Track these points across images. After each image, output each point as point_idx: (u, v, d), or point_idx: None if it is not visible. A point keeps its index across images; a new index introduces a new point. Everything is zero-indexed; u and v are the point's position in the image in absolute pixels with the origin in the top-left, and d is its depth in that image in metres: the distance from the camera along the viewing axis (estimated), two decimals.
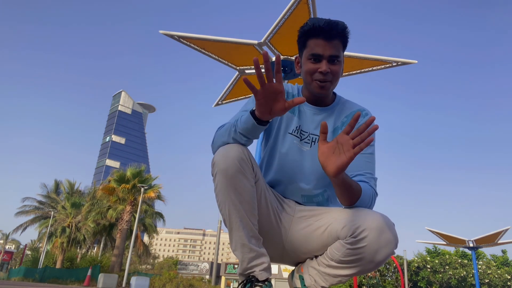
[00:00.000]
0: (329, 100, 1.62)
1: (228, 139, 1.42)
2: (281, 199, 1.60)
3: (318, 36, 1.50)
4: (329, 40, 1.49)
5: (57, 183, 38.83)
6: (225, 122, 1.52)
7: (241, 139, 1.40)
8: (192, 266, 36.94)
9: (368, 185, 1.47)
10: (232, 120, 1.49)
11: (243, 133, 1.38)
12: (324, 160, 1.26)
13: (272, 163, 1.63)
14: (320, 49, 1.49)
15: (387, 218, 1.33)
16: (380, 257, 1.30)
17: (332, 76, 1.51)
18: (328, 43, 1.49)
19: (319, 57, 1.50)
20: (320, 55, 1.49)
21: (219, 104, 10.35)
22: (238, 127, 1.38)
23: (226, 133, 1.43)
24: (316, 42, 1.50)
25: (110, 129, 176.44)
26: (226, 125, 1.46)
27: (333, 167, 1.24)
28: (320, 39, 1.49)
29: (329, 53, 1.49)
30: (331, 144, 1.27)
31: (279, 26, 7.87)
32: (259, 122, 1.34)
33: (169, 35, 8.33)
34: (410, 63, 8.68)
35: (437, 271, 31.23)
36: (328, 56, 1.49)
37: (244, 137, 1.39)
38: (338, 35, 1.50)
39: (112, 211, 25.74)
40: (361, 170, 1.50)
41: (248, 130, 1.37)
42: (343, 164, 1.22)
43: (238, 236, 1.40)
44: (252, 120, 1.34)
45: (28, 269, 32.02)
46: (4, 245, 58.54)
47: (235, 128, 1.40)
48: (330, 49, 1.49)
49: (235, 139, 1.41)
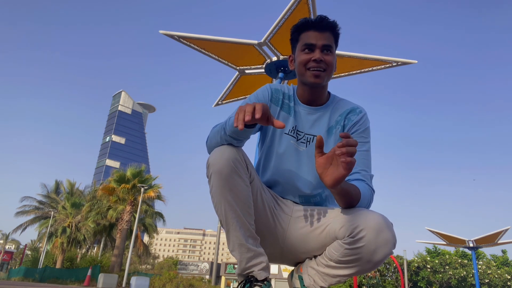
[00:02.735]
0: (323, 99, 1.63)
1: (221, 141, 1.44)
2: (278, 199, 1.60)
3: (310, 29, 1.56)
4: (321, 31, 1.55)
5: (57, 183, 38.84)
6: (220, 122, 1.53)
7: (232, 141, 1.42)
8: (192, 266, 36.94)
9: (365, 183, 1.47)
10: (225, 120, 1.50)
11: (233, 136, 1.40)
12: (321, 172, 1.26)
13: (269, 164, 1.63)
14: (313, 39, 1.54)
15: (385, 218, 1.32)
16: (378, 257, 1.30)
17: (326, 66, 1.54)
18: (320, 34, 1.55)
19: (312, 47, 1.54)
20: (313, 44, 1.54)
21: (219, 104, 10.35)
22: (227, 130, 1.40)
23: (217, 135, 1.45)
24: (308, 34, 1.56)
25: (110, 129, 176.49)
26: (218, 126, 1.48)
27: (331, 179, 1.24)
28: (312, 31, 1.56)
29: (321, 42, 1.54)
30: (329, 154, 1.26)
31: (279, 26, 7.88)
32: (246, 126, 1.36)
33: (169, 35, 8.33)
34: (410, 63, 8.68)
35: (437, 271, 31.23)
36: (321, 45, 1.53)
37: (234, 139, 1.41)
38: (329, 28, 1.56)
39: (112, 211, 25.74)
40: (357, 167, 1.49)
41: (237, 133, 1.38)
42: (340, 176, 1.22)
43: (235, 237, 1.40)
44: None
45: (28, 269, 32.04)
46: (4, 245, 58.57)
47: (224, 131, 1.41)
48: (322, 39, 1.54)
49: (226, 141, 1.42)
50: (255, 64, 9.04)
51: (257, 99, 1.62)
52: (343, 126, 1.60)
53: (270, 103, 1.64)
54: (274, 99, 1.65)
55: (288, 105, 1.63)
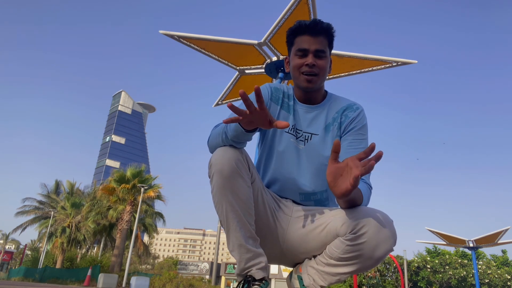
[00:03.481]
0: (320, 97, 1.65)
1: (223, 143, 1.44)
2: (278, 200, 1.60)
3: (304, 33, 1.59)
4: (314, 36, 1.57)
5: (57, 183, 38.86)
6: (220, 122, 1.53)
7: (233, 144, 1.43)
8: (192, 266, 36.96)
9: (364, 182, 1.48)
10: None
11: (235, 140, 1.41)
12: (331, 180, 1.26)
13: (270, 162, 1.64)
14: (306, 44, 1.57)
15: (386, 215, 1.34)
16: (379, 253, 1.30)
17: (319, 70, 1.57)
18: (313, 38, 1.57)
19: (305, 52, 1.57)
20: (306, 49, 1.57)
21: (219, 104, 10.36)
22: (228, 134, 1.41)
23: (219, 138, 1.45)
24: (302, 38, 1.59)
25: (110, 129, 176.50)
26: (218, 128, 1.48)
27: (339, 190, 1.24)
28: (306, 35, 1.58)
29: (314, 47, 1.56)
30: (341, 165, 1.25)
31: (279, 26, 7.89)
32: (248, 130, 1.37)
33: (169, 35, 8.34)
34: (410, 63, 8.69)
35: (437, 271, 31.24)
36: (314, 50, 1.56)
37: (236, 143, 1.42)
38: (323, 32, 1.58)
39: (112, 211, 25.74)
40: None
41: (238, 137, 1.39)
42: (347, 190, 1.21)
43: (236, 237, 1.40)
44: (240, 129, 1.37)
45: (28, 269, 32.03)
46: (4, 245, 58.58)
47: (225, 135, 1.42)
48: (315, 44, 1.57)
49: (228, 144, 1.43)
50: (255, 64, 9.05)
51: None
52: (339, 123, 1.61)
53: (270, 102, 1.65)
54: (274, 98, 1.66)
55: (287, 104, 1.65)
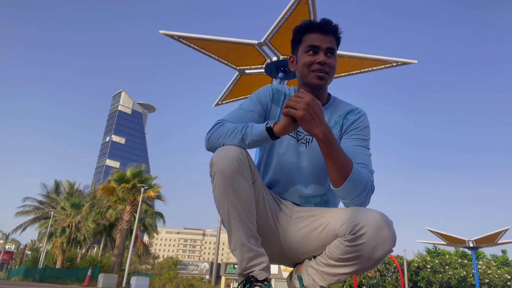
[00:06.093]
0: (323, 100, 1.64)
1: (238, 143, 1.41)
2: (278, 200, 1.60)
3: (314, 31, 1.58)
4: (325, 34, 1.57)
5: (57, 183, 38.83)
6: (223, 118, 1.51)
7: (248, 147, 1.42)
8: (192, 266, 36.95)
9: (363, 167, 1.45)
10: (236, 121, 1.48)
11: (253, 144, 1.41)
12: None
13: (270, 164, 1.64)
14: (318, 41, 1.57)
15: (386, 216, 1.34)
16: (378, 254, 1.31)
17: (329, 69, 1.56)
18: (324, 36, 1.57)
19: (316, 49, 1.56)
20: (317, 46, 1.56)
21: (219, 104, 10.36)
22: (248, 138, 1.39)
23: (229, 138, 1.41)
24: (312, 36, 1.58)
25: (110, 129, 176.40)
26: (229, 128, 1.43)
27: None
28: (316, 33, 1.58)
29: (326, 45, 1.56)
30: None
31: (279, 26, 7.88)
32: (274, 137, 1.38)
33: (169, 35, 8.34)
34: (410, 63, 8.70)
35: (437, 271, 31.23)
36: (325, 48, 1.56)
37: (251, 146, 1.42)
38: (333, 31, 1.59)
39: (112, 211, 25.72)
40: (356, 160, 1.46)
41: (259, 142, 1.40)
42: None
43: (237, 236, 1.40)
44: (266, 135, 1.37)
45: (28, 269, 32.04)
46: (4, 245, 58.54)
47: (243, 137, 1.39)
48: (326, 42, 1.57)
49: (244, 148, 1.42)
50: (255, 64, 9.05)
51: (258, 99, 1.62)
52: (341, 125, 1.61)
53: (271, 104, 1.64)
54: (275, 100, 1.65)
55: None
